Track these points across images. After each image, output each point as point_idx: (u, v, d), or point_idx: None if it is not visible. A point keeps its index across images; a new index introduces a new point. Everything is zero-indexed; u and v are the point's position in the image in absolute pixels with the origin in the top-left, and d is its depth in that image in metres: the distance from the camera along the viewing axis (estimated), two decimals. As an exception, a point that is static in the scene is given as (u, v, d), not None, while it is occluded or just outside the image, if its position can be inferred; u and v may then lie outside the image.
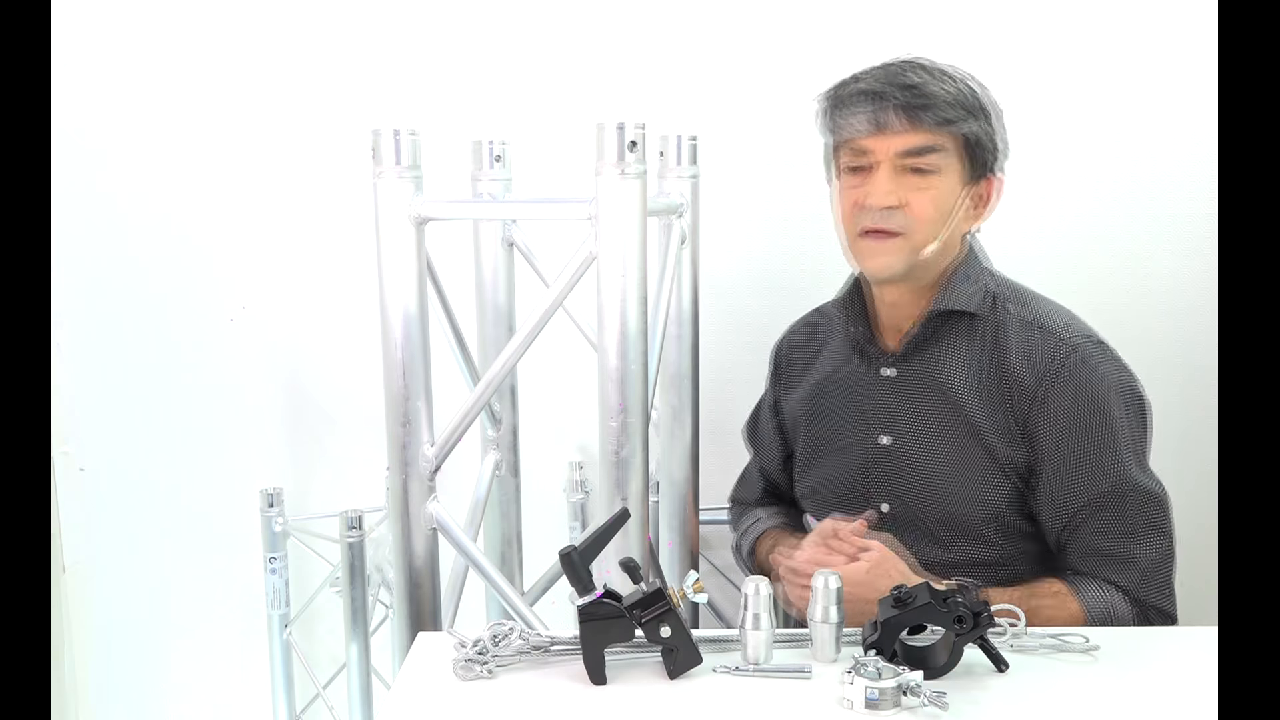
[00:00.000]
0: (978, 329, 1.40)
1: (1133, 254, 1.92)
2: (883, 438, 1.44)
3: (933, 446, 1.40)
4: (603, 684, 1.12)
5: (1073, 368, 1.34)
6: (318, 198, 1.99)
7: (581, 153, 1.31)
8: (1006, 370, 1.37)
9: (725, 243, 1.89)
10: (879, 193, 1.34)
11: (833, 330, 1.55)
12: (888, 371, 1.44)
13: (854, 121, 1.35)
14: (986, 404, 1.37)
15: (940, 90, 1.34)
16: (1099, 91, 1.89)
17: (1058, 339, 1.36)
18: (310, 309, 2.03)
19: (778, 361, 1.64)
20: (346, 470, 2.05)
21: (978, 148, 1.36)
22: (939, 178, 1.35)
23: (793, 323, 1.64)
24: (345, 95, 1.95)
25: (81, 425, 2.08)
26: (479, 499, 1.67)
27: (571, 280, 1.32)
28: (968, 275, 1.41)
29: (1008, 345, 1.38)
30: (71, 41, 1.95)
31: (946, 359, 1.41)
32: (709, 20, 1.92)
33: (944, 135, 1.34)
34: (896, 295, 1.42)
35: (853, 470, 1.46)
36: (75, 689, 2.14)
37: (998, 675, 1.12)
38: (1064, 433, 1.34)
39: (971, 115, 1.35)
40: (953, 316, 1.41)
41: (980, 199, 1.41)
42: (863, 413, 1.46)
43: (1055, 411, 1.34)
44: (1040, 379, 1.34)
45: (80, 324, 2.04)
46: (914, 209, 1.34)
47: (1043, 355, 1.35)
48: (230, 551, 2.07)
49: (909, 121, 1.33)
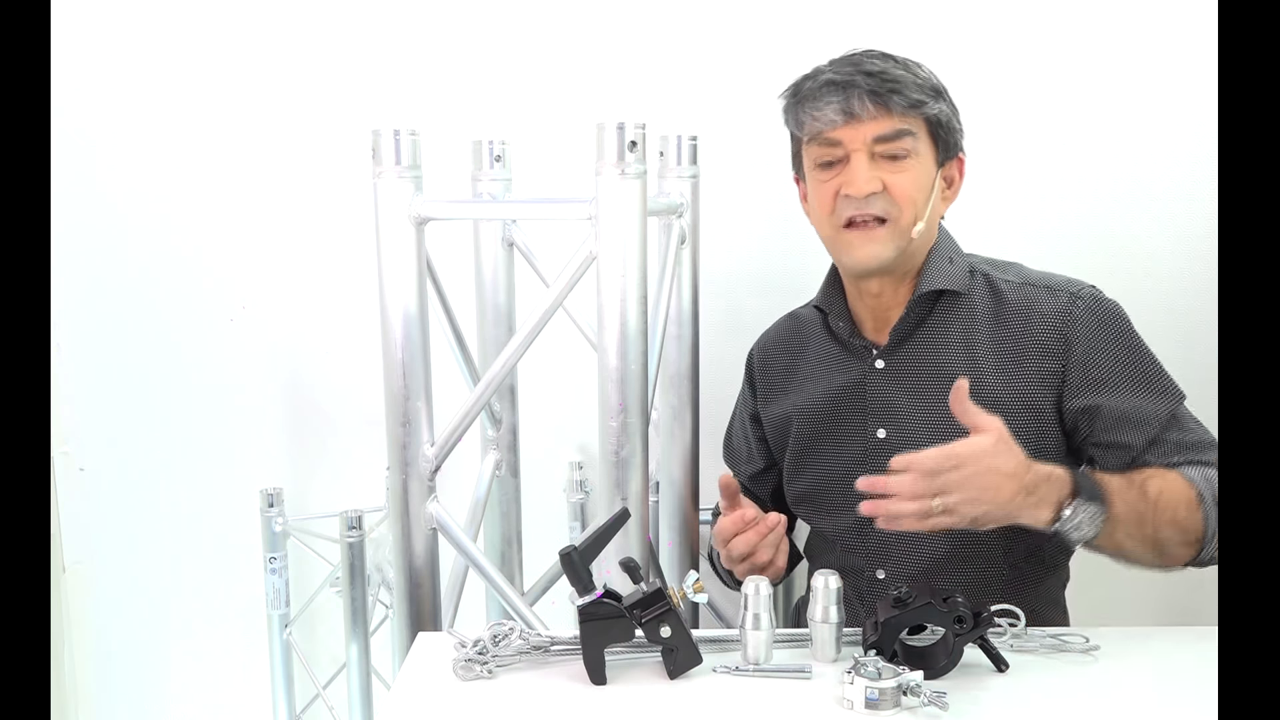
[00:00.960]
0: (965, 305, 1.41)
1: (1132, 252, 1.92)
2: (879, 431, 1.43)
3: (935, 432, 1.38)
4: (603, 684, 1.12)
5: (1089, 310, 1.36)
6: (318, 198, 1.99)
7: (581, 153, 1.31)
8: (1022, 334, 1.37)
9: (725, 243, 1.89)
10: (859, 180, 1.33)
11: (811, 332, 1.54)
12: (878, 364, 1.44)
13: (824, 113, 1.34)
14: (1002, 374, 1.37)
15: (904, 75, 1.34)
16: (1098, 90, 1.89)
17: (1064, 291, 1.37)
18: (310, 309, 2.03)
19: (753, 372, 1.61)
20: (346, 470, 2.05)
21: (945, 129, 1.37)
22: (913, 160, 1.35)
23: (764, 332, 1.62)
24: (345, 95, 1.95)
25: (81, 425, 2.08)
26: (479, 499, 1.68)
27: (571, 280, 1.32)
28: (946, 256, 1.42)
29: (1013, 310, 1.38)
30: (71, 41, 1.95)
31: (939, 341, 1.41)
32: (709, 20, 1.92)
33: (913, 118, 1.34)
34: (880, 286, 1.42)
35: (848, 467, 1.45)
36: (75, 689, 2.14)
37: (998, 675, 1.12)
38: (1111, 370, 1.35)
39: (936, 96, 1.36)
40: (939, 299, 1.41)
41: (950, 180, 1.42)
42: (856, 409, 1.45)
43: (1092, 354, 1.35)
44: (1064, 331, 1.35)
45: (80, 324, 2.04)
46: (894, 191, 1.34)
47: (1055, 309, 1.36)
48: (230, 551, 2.07)
49: (879, 107, 1.33)
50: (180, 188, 2.00)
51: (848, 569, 1.46)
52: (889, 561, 1.42)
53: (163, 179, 2.00)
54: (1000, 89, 1.89)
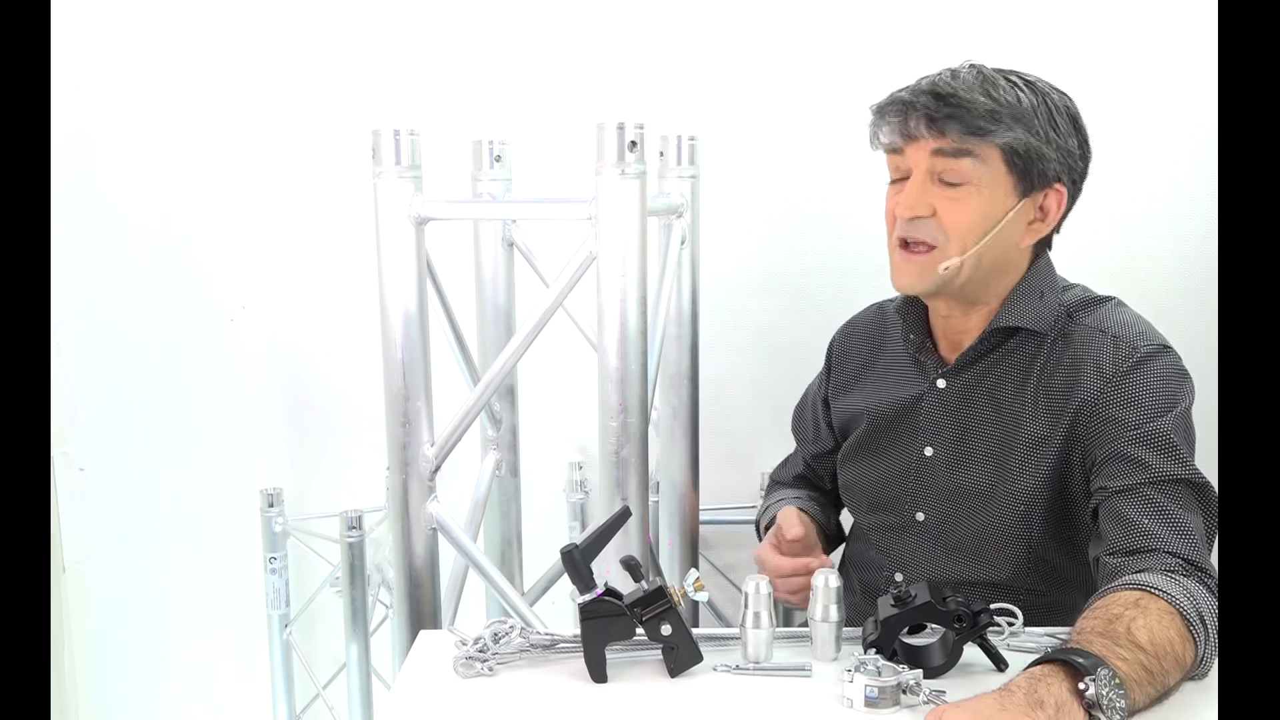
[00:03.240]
0: (1038, 344, 1.35)
1: (1132, 252, 1.92)
2: (927, 449, 1.41)
3: (973, 463, 1.37)
4: (603, 682, 1.12)
5: (1139, 367, 1.29)
6: (318, 198, 1.99)
7: (581, 153, 1.31)
8: (1072, 380, 1.32)
9: (725, 243, 1.89)
10: (906, 202, 1.30)
11: (892, 330, 1.51)
12: (940, 383, 1.41)
13: (887, 131, 1.33)
14: (1046, 419, 1.32)
15: (976, 98, 1.28)
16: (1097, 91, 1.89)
17: (1129, 345, 1.31)
18: (310, 309, 2.03)
19: (831, 358, 1.59)
20: (346, 470, 2.05)
21: (1026, 157, 1.29)
22: (973, 189, 1.29)
23: (851, 317, 1.59)
24: (345, 95, 1.95)
25: (81, 425, 2.08)
26: (479, 499, 1.68)
27: (571, 280, 1.32)
28: (1035, 291, 1.36)
29: (1073, 355, 1.33)
30: (71, 41, 1.95)
31: (1001, 376, 1.37)
32: (709, 20, 1.92)
33: (977, 143, 1.28)
34: (948, 309, 1.38)
35: (894, 476, 1.45)
36: (75, 689, 2.14)
37: (997, 675, 1.12)
38: (1137, 420, 1.27)
39: (1017, 123, 1.28)
40: (1015, 334, 1.36)
41: (1046, 211, 1.34)
42: (910, 422, 1.43)
43: (1125, 408, 1.28)
44: (1106, 382, 1.29)
45: (80, 324, 2.04)
46: (944, 219, 1.30)
47: (1110, 361, 1.30)
48: (230, 551, 2.07)
49: (934, 130, 1.28)
50: (180, 188, 2.00)
51: (870, 565, 1.49)
52: (907, 565, 1.43)
53: (163, 179, 2.00)
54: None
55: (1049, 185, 1.32)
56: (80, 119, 1.97)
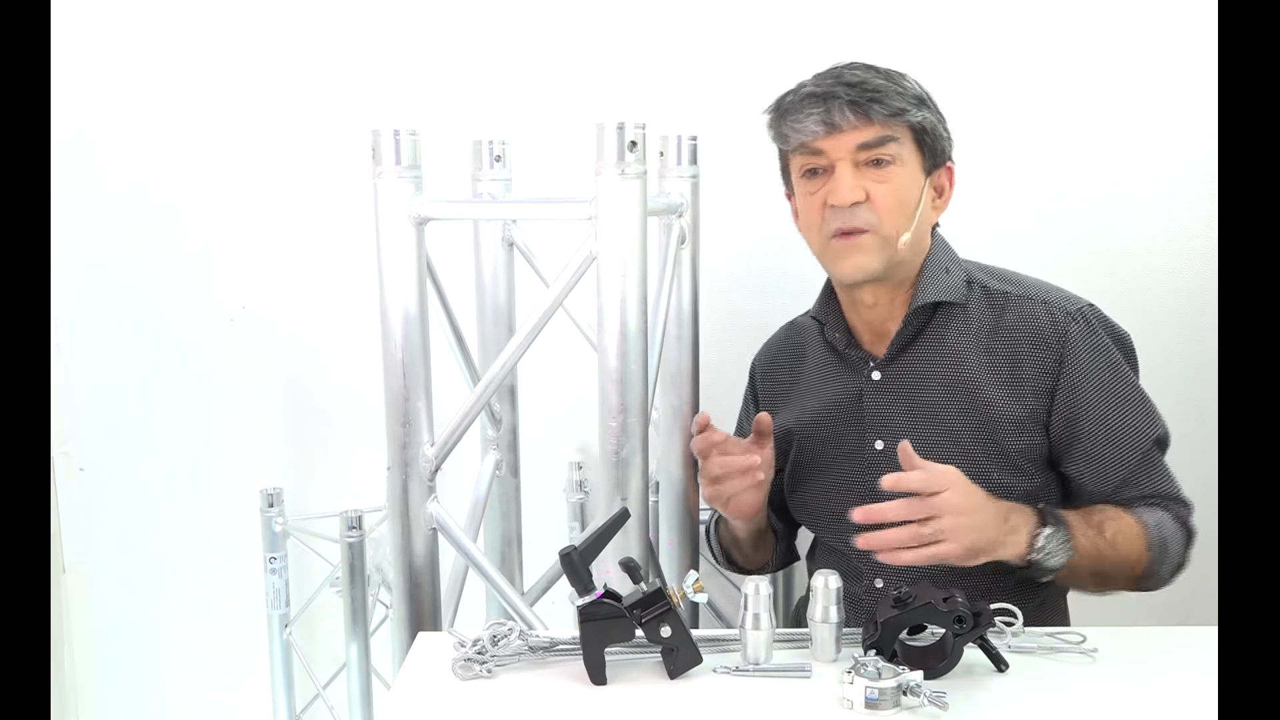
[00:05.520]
0: (962, 317, 1.41)
1: (1132, 252, 1.92)
2: (877, 442, 1.43)
3: (931, 444, 1.39)
4: (603, 684, 1.12)
5: (1084, 331, 1.37)
6: (318, 198, 1.99)
7: (581, 153, 1.31)
8: (1016, 348, 1.38)
9: (725, 243, 1.89)
10: (842, 189, 1.34)
11: (810, 342, 1.54)
12: (875, 375, 1.44)
13: (805, 125, 1.36)
14: (995, 388, 1.38)
15: (885, 84, 1.35)
16: (1097, 91, 1.89)
17: (1061, 309, 1.38)
18: (310, 309, 2.03)
19: (755, 384, 1.63)
20: (346, 470, 2.05)
21: (931, 136, 1.38)
22: (897, 168, 1.35)
23: (765, 342, 1.64)
24: (345, 95, 1.95)
25: (81, 425, 2.08)
26: (479, 499, 1.67)
27: (571, 280, 1.32)
28: (942, 266, 1.42)
29: (1009, 324, 1.39)
30: (72, 41, 1.95)
31: (935, 354, 1.41)
32: (709, 20, 1.91)
33: (896, 126, 1.35)
34: (874, 296, 1.42)
35: (849, 480, 1.46)
36: (75, 689, 2.14)
37: (998, 675, 1.12)
38: (1095, 398, 1.37)
39: (920, 104, 1.37)
40: (936, 310, 1.41)
41: (940, 189, 1.43)
42: (853, 421, 1.45)
43: (1079, 380, 1.37)
44: (1058, 350, 1.37)
45: (80, 324, 2.04)
46: (878, 202, 1.35)
47: (1051, 326, 1.37)
48: (230, 551, 2.07)
49: (860, 116, 1.34)
50: (180, 187, 2.00)
51: (848, 574, 1.47)
52: (887, 570, 1.42)
53: (163, 179, 2.00)
54: (999, 90, 1.89)
55: (943, 163, 1.41)
56: (80, 119, 1.97)
